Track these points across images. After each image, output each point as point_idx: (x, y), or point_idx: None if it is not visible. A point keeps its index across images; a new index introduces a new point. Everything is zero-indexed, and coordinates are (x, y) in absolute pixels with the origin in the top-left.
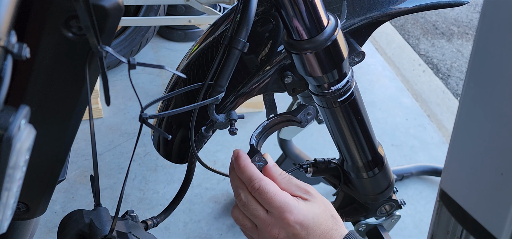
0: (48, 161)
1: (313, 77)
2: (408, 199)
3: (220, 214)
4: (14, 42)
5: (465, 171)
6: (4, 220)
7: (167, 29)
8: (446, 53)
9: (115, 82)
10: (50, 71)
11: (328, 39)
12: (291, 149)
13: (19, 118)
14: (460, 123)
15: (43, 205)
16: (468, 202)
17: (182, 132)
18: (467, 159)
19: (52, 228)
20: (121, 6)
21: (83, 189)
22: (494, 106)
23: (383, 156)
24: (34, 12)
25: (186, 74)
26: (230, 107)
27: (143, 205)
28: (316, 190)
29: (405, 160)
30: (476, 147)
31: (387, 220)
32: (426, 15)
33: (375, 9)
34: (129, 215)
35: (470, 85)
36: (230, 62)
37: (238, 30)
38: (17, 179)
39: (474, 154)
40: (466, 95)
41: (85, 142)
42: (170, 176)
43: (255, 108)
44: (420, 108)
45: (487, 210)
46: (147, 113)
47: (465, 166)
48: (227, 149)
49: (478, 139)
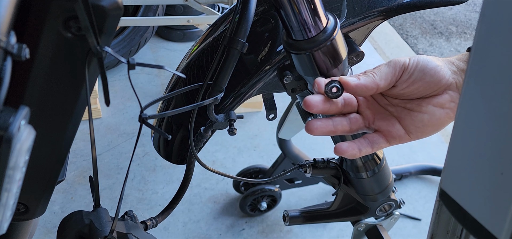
0: (47, 162)
1: (312, 77)
2: (407, 198)
3: (219, 214)
4: (13, 43)
5: (465, 170)
6: (3, 221)
7: (166, 29)
8: (445, 53)
9: (113, 82)
10: (49, 72)
11: (327, 39)
12: (290, 149)
13: (18, 119)
14: (460, 122)
15: (42, 205)
16: (468, 201)
17: (182, 132)
18: (467, 158)
19: (51, 229)
20: (121, 6)
21: (82, 189)
22: (494, 105)
23: (382, 156)
24: (34, 13)
25: (186, 75)
26: (229, 107)
27: (142, 205)
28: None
29: (404, 159)
30: (476, 146)
31: (386, 220)
32: (424, 14)
33: (374, 8)
34: (128, 216)
35: (470, 85)
36: (229, 63)
37: (237, 31)
38: (17, 179)
39: (474, 153)
40: (466, 95)
41: (84, 142)
42: (169, 176)
43: (254, 108)
44: None
45: (487, 209)
46: (146, 114)
47: (465, 165)
48: (226, 149)
49: (478, 138)
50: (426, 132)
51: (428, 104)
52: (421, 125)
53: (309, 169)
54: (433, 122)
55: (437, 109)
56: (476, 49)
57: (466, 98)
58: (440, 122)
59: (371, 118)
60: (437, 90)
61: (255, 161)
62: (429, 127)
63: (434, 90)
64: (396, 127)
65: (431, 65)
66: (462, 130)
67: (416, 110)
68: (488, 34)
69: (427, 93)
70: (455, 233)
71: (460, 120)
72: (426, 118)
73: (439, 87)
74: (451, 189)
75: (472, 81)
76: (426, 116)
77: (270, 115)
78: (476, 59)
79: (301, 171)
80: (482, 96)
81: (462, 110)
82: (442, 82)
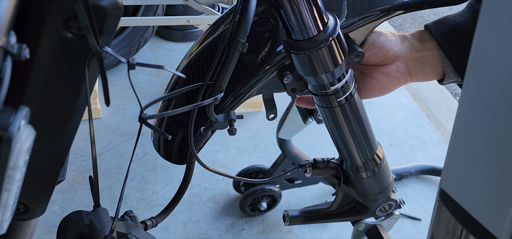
0: (47, 162)
1: (312, 77)
2: (407, 198)
3: (219, 214)
4: (13, 43)
5: (465, 170)
6: (3, 221)
7: (166, 29)
8: None
9: (113, 82)
10: (49, 72)
11: (327, 39)
12: (290, 149)
13: (18, 119)
14: (460, 122)
15: (42, 205)
16: (468, 201)
17: (182, 132)
18: (467, 158)
19: (51, 229)
20: (121, 6)
21: (82, 189)
22: (494, 105)
23: (382, 156)
24: (34, 13)
25: (186, 75)
26: (229, 107)
27: (142, 205)
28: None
29: (404, 159)
30: (476, 146)
31: (386, 220)
32: (424, 14)
33: (374, 8)
34: (128, 216)
35: (470, 85)
36: (229, 63)
37: (237, 31)
38: (17, 179)
39: (474, 153)
40: (466, 95)
41: (84, 142)
42: (169, 176)
43: (254, 108)
44: (419, 107)
45: (487, 209)
46: (146, 114)
47: (465, 165)
48: (226, 149)
49: (478, 138)
50: (373, 93)
51: (378, 72)
52: (370, 88)
53: (309, 169)
54: (378, 86)
55: (383, 77)
56: (476, 49)
57: (466, 98)
58: (385, 87)
59: None
60: (386, 60)
61: (255, 161)
62: (376, 89)
63: (382, 60)
64: None
65: (381, 39)
66: (462, 130)
67: (367, 75)
68: (488, 34)
69: (378, 61)
70: (455, 233)
71: (460, 120)
72: (374, 83)
73: (387, 57)
74: (451, 189)
75: (472, 81)
76: (374, 82)
77: (270, 115)
78: (476, 59)
79: (301, 171)
80: (482, 96)
81: (462, 110)
82: (389, 53)
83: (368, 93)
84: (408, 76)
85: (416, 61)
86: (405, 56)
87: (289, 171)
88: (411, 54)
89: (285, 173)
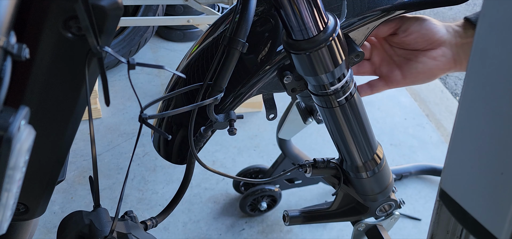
0: (47, 162)
1: (312, 77)
2: (407, 198)
3: (219, 214)
4: (13, 43)
5: (465, 170)
6: (3, 221)
7: (166, 29)
8: None
9: (113, 82)
10: (49, 72)
11: (327, 39)
12: (290, 149)
13: (19, 119)
14: (460, 122)
15: (42, 205)
16: (468, 201)
17: (182, 132)
18: (467, 158)
19: (51, 229)
20: (121, 6)
21: (82, 189)
22: (494, 105)
23: (382, 156)
24: (34, 13)
25: (186, 75)
26: (229, 107)
27: (142, 205)
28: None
29: (404, 159)
30: (476, 146)
31: (386, 220)
32: (424, 15)
33: (374, 8)
34: (128, 216)
35: (470, 85)
36: (229, 63)
37: (237, 31)
38: (17, 179)
39: (474, 153)
40: (466, 95)
41: (84, 142)
42: (169, 176)
43: (254, 108)
44: (419, 108)
45: (487, 209)
46: (146, 114)
47: (465, 165)
48: (226, 149)
49: (478, 138)
50: (419, 78)
51: (423, 56)
52: (415, 72)
53: (309, 169)
54: (424, 70)
55: (429, 61)
56: (476, 49)
57: (466, 98)
58: (431, 71)
59: (377, 64)
60: (432, 44)
61: (255, 161)
62: (422, 74)
63: (429, 43)
64: (395, 73)
65: (428, 21)
66: (462, 130)
67: (413, 59)
68: (488, 34)
69: (424, 46)
70: (455, 233)
71: (460, 120)
72: (420, 67)
73: (434, 41)
74: (451, 189)
75: (472, 81)
76: (420, 65)
77: (270, 115)
78: (476, 59)
79: (301, 171)
80: (482, 96)
81: (462, 110)
82: (436, 36)
83: (413, 78)
84: (453, 63)
85: (461, 48)
86: (450, 42)
87: (289, 171)
88: (456, 40)
89: (285, 173)
